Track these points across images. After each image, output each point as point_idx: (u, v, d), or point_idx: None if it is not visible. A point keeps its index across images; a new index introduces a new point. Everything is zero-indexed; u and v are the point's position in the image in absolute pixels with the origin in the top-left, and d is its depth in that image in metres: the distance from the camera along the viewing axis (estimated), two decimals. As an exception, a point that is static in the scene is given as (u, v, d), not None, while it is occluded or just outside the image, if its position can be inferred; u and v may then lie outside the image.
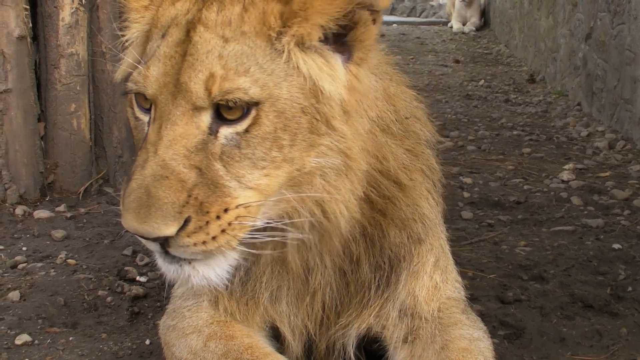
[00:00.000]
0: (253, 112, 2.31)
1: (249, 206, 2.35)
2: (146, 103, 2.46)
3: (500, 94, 10.74)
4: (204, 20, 2.37)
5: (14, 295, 3.92)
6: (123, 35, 2.65)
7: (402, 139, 2.83)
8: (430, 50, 15.78)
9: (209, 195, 2.29)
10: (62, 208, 5.34)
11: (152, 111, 2.41)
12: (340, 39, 2.44)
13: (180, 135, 2.31)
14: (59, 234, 4.85)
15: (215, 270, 2.41)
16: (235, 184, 2.33)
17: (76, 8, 5.42)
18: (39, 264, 4.39)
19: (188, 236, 2.29)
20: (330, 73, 2.40)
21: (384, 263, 2.91)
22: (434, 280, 3.00)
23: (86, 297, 3.98)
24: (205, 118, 2.32)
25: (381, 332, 3.00)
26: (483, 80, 11.83)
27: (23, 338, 3.49)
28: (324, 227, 2.57)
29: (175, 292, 3.16)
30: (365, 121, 2.60)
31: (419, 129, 2.98)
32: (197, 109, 2.31)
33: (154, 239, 2.29)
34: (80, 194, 5.54)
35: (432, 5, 22.51)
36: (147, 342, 3.52)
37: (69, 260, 4.46)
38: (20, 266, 4.36)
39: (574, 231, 5.16)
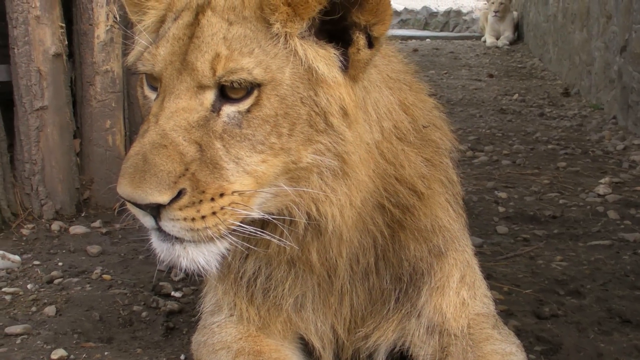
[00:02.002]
0: (255, 93, 2.36)
1: (243, 194, 2.37)
2: (155, 82, 2.52)
3: (535, 108, 10.66)
4: (213, 5, 2.45)
5: (50, 310, 3.95)
6: (140, 22, 2.70)
7: (420, 148, 2.83)
8: (463, 64, 15.72)
9: (207, 175, 2.32)
10: (97, 224, 5.38)
11: (159, 88, 2.46)
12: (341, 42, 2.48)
13: (182, 108, 2.36)
14: (94, 249, 4.89)
15: (204, 254, 2.43)
16: (233, 166, 2.35)
17: (111, 25, 5.48)
18: (75, 279, 4.43)
19: (180, 209, 2.31)
20: (326, 62, 2.44)
21: (403, 275, 2.90)
22: (461, 297, 2.98)
23: (121, 312, 4.00)
24: (209, 96, 2.38)
25: (408, 349, 2.98)
26: (517, 95, 11.75)
27: (59, 353, 3.51)
28: (320, 228, 2.57)
29: (204, 307, 3.18)
30: (375, 131, 2.61)
31: (438, 138, 2.98)
32: (202, 87, 2.37)
33: (146, 206, 2.30)
34: (116, 210, 5.57)
35: (465, 20, 22.46)
36: (182, 357, 3.52)
37: (105, 276, 4.49)
38: (56, 281, 4.40)
39: (610, 245, 5.09)
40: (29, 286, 4.33)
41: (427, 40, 20.28)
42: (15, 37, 5.23)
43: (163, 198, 2.27)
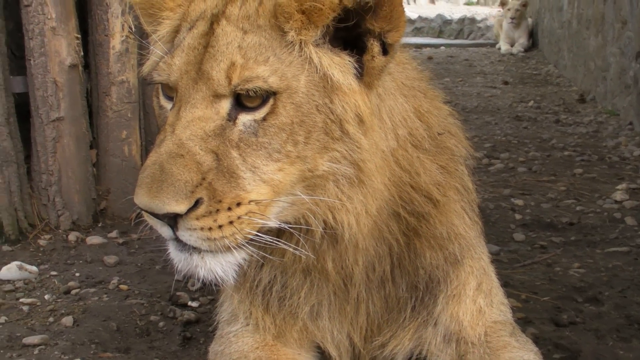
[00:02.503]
0: (271, 101, 2.35)
1: (260, 203, 2.37)
2: (171, 91, 2.53)
3: (550, 115, 10.62)
4: (228, 14, 2.45)
5: (68, 320, 3.96)
6: (155, 32, 2.72)
7: (435, 155, 2.82)
8: (478, 72, 15.69)
9: (224, 185, 2.32)
10: (114, 234, 5.40)
11: (175, 98, 2.46)
12: (356, 49, 2.48)
13: (198, 117, 2.36)
14: (111, 259, 4.91)
15: (222, 264, 2.42)
16: (250, 175, 2.35)
17: (126, 36, 5.50)
18: (92, 290, 4.44)
19: (197, 218, 2.31)
20: (341, 69, 2.44)
21: (419, 283, 2.89)
22: (477, 305, 2.97)
23: (138, 322, 4.01)
24: (225, 105, 2.38)
25: (425, 357, 2.97)
26: (532, 101, 11.72)
27: (76, 363, 3.52)
28: (336, 236, 2.56)
29: (221, 317, 3.18)
30: (390, 138, 2.61)
31: (454, 145, 2.97)
32: (218, 96, 2.37)
33: (163, 215, 2.30)
34: (132, 220, 5.59)
35: (480, 27, 22.43)
36: (199, 366, 3.53)
37: (122, 286, 4.50)
38: (73, 292, 4.42)
39: (628, 252, 5.05)
40: (46, 297, 4.35)
41: (442, 47, 20.27)
42: (32, 48, 5.26)
43: (180, 208, 2.27)
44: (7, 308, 4.19)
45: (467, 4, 26.52)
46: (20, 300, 4.29)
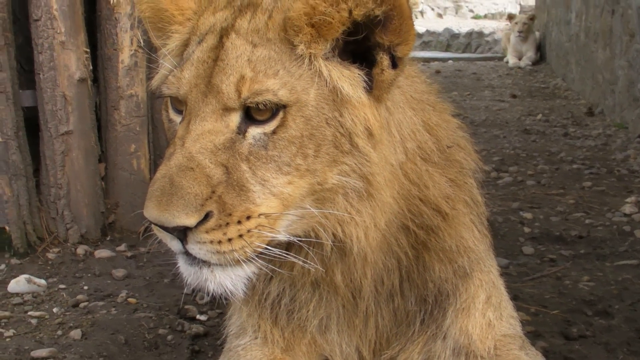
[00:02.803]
0: (281, 114, 2.35)
1: (270, 216, 2.37)
2: (180, 105, 2.53)
3: (559, 128, 10.60)
4: (237, 27, 2.46)
5: (76, 333, 3.97)
6: (164, 45, 2.72)
7: (444, 168, 2.81)
8: (486, 85, 15.69)
9: (233, 198, 2.31)
10: (122, 247, 5.41)
11: (184, 111, 2.47)
12: (365, 62, 2.48)
13: (208, 130, 2.36)
14: (119, 273, 4.91)
15: (231, 278, 2.42)
16: (259, 188, 2.35)
17: (135, 50, 5.52)
18: (100, 303, 4.44)
19: (207, 232, 2.30)
20: (351, 82, 2.43)
21: (428, 297, 2.88)
22: (487, 318, 2.95)
23: (147, 335, 4.01)
24: (235, 118, 2.38)
25: None
26: (541, 115, 11.70)
27: (85, 376, 3.52)
28: (345, 249, 2.56)
29: (229, 330, 3.17)
30: (399, 152, 2.60)
31: (462, 158, 2.96)
32: (227, 109, 2.37)
33: (173, 229, 2.30)
34: (141, 234, 5.59)
35: (487, 41, 22.44)
36: (207, 380, 3.52)
37: (130, 299, 4.50)
38: (81, 305, 4.42)
39: (638, 265, 5.03)
40: (54, 310, 4.35)
41: (450, 61, 20.28)
42: (41, 62, 5.29)
43: (190, 221, 2.26)
44: (16, 321, 4.20)
45: (475, 17, 26.54)
46: (29, 313, 4.29)
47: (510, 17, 19.97)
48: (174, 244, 2.38)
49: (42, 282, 4.72)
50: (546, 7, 18.73)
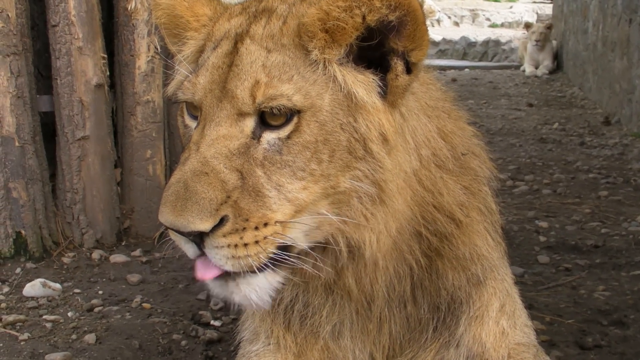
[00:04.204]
0: (295, 119, 2.35)
1: (285, 225, 2.37)
2: (195, 110, 2.54)
3: (575, 137, 10.56)
4: (252, 33, 2.47)
5: (90, 338, 3.98)
6: (180, 52, 2.73)
7: (459, 176, 2.80)
8: (503, 94, 15.64)
9: (249, 203, 2.31)
10: (137, 253, 5.42)
11: (199, 116, 2.47)
12: (379, 67, 2.48)
13: (223, 135, 2.36)
14: (134, 278, 4.92)
15: (256, 291, 2.40)
16: (275, 193, 2.34)
17: (152, 56, 5.55)
18: (115, 308, 4.46)
19: (224, 236, 2.30)
20: (365, 87, 2.43)
21: (441, 304, 2.87)
22: (500, 326, 2.94)
23: (161, 340, 4.02)
24: (250, 123, 2.38)
25: None
26: (557, 124, 11.66)
27: (98, 380, 3.53)
28: (356, 254, 2.55)
29: (242, 336, 3.17)
30: (413, 159, 2.59)
31: (477, 166, 2.94)
32: (242, 114, 2.38)
33: (188, 234, 2.30)
34: (156, 239, 5.61)
35: (504, 50, 22.37)
36: (221, 386, 3.53)
37: (144, 304, 4.52)
38: (96, 309, 4.43)
39: (654, 275, 5.01)
40: (69, 314, 4.36)
41: (466, 70, 20.23)
42: (58, 68, 5.32)
43: (205, 225, 2.26)
44: (31, 325, 4.21)
45: (492, 26, 26.47)
46: (44, 317, 4.31)
47: (528, 25, 19.89)
48: (189, 248, 2.38)
49: (57, 286, 4.74)
50: (563, 16, 18.68)
